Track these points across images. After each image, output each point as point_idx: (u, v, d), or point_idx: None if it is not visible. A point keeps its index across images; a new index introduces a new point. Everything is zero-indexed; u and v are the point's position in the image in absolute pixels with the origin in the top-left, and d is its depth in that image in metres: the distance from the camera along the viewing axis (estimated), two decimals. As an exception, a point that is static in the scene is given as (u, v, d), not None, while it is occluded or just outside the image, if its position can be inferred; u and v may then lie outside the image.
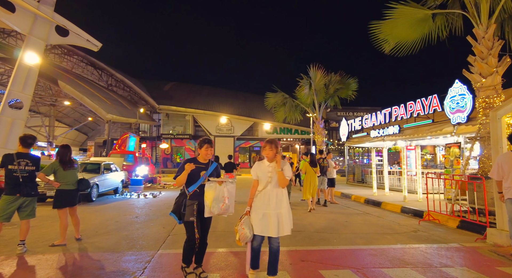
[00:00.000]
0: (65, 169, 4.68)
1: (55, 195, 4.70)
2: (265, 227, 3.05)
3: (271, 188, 3.15)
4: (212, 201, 3.04)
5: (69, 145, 5.02)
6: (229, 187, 3.14)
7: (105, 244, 4.68)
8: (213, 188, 3.08)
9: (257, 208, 3.15)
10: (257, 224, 3.07)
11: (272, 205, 3.10)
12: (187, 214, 3.07)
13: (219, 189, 3.08)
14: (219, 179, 3.18)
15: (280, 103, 16.47)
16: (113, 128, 26.97)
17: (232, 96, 33.57)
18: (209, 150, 3.33)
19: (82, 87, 22.32)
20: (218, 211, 3.07)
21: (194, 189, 3.19)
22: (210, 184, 3.11)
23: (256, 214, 3.12)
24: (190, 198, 3.16)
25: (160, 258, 4.04)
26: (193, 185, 3.20)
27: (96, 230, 5.64)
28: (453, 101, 8.76)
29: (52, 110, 26.96)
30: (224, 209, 3.09)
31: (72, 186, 4.75)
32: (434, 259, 4.10)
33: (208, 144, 3.33)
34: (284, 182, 3.15)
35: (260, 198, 3.16)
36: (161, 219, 6.71)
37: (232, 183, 3.21)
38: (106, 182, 10.45)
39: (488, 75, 5.90)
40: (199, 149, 3.37)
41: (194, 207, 3.09)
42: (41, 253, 4.20)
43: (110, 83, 30.99)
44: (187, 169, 3.13)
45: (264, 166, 3.26)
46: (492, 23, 5.98)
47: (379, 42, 8.35)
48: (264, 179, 3.18)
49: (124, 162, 14.73)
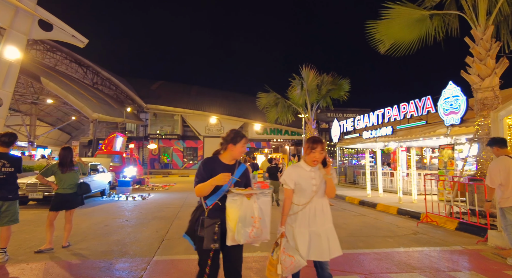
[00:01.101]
0: (63, 172, 4.53)
1: (52, 198, 4.58)
2: (316, 249, 2.34)
3: (316, 200, 2.44)
4: (237, 223, 2.09)
5: (71, 147, 4.83)
6: (261, 202, 2.18)
7: (95, 250, 4.38)
8: (238, 204, 2.12)
9: (301, 226, 2.40)
10: (305, 247, 2.34)
11: (319, 220, 2.42)
12: (206, 239, 2.12)
13: (247, 206, 2.12)
14: (246, 190, 2.19)
15: (272, 103, 16.32)
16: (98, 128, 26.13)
17: (221, 96, 33.20)
18: (244, 148, 2.41)
19: (67, 84, 21.50)
20: (245, 239, 2.09)
21: (214, 202, 2.22)
22: (233, 197, 2.15)
23: (301, 235, 2.38)
24: (209, 214, 2.20)
25: (156, 266, 3.78)
26: (213, 196, 2.22)
27: (84, 235, 5.29)
28: (447, 103, 8.83)
29: (34, 108, 25.87)
30: (254, 236, 2.10)
31: (69, 189, 4.56)
32: (440, 263, 4.01)
33: (245, 139, 2.40)
34: (333, 191, 2.49)
35: (304, 214, 2.42)
36: (153, 223, 6.40)
37: (266, 196, 2.23)
38: (93, 184, 9.95)
39: (487, 76, 5.92)
40: (230, 145, 2.35)
41: (215, 229, 2.13)
42: (25, 261, 3.86)
43: (95, 81, 30.06)
44: (219, 181, 2.12)
45: (304, 171, 2.49)
46: (490, 25, 6.00)
47: (375, 42, 8.32)
48: (307, 189, 2.44)
49: (111, 163, 14.22)
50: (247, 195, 2.16)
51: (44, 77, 19.02)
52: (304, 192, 2.46)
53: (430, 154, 15.37)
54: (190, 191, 12.83)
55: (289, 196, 2.50)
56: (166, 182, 18.44)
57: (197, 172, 2.30)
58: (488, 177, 4.15)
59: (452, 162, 8.63)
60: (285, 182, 2.51)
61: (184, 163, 29.12)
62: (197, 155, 29.35)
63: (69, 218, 4.61)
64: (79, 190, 4.68)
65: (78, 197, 4.71)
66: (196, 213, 2.31)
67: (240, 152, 2.35)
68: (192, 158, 29.56)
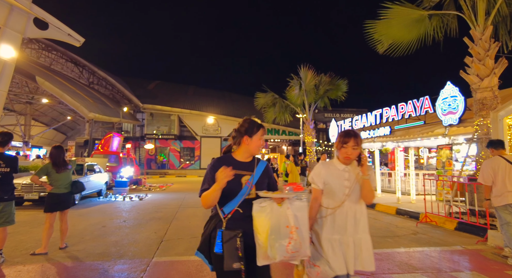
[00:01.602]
0: (59, 172, 4.42)
1: (46, 198, 4.43)
2: (345, 261, 2.00)
3: (349, 204, 2.05)
4: (268, 235, 1.63)
5: (62, 146, 4.69)
6: (296, 208, 1.72)
7: (93, 252, 4.30)
8: (267, 211, 1.68)
9: (328, 232, 2.04)
10: (333, 257, 1.98)
11: (350, 228, 2.04)
12: (227, 257, 1.65)
13: (279, 213, 1.67)
14: (276, 193, 1.74)
15: (270, 103, 16.30)
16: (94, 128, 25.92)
17: (218, 96, 33.11)
18: (262, 140, 1.96)
19: (62, 84, 21.29)
20: (282, 254, 1.63)
21: (233, 209, 1.78)
22: (260, 204, 1.71)
23: (329, 242, 2.01)
24: (228, 225, 1.75)
25: (156, 267, 3.72)
26: (231, 202, 1.78)
27: (81, 236, 5.21)
28: (445, 103, 8.85)
29: (29, 108, 25.58)
30: (292, 251, 1.65)
31: (64, 189, 4.46)
32: (441, 263, 4.00)
33: (263, 130, 1.95)
34: (371, 196, 2.07)
35: (333, 219, 2.06)
36: (151, 224, 6.33)
37: (301, 200, 1.80)
38: (89, 184, 9.88)
39: (486, 76, 5.93)
40: (245, 138, 1.90)
41: (237, 243, 1.66)
42: (21, 263, 3.78)
43: (91, 81, 29.81)
44: (221, 180, 1.67)
45: (336, 170, 2.13)
46: (489, 25, 6.02)
47: (374, 42, 8.31)
48: (338, 190, 2.08)
49: (108, 163, 14.09)
50: (277, 199, 1.71)
51: (39, 76, 18.81)
52: (334, 194, 2.09)
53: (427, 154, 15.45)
54: (187, 192, 12.75)
55: (317, 197, 2.14)
56: (163, 182, 18.33)
57: (204, 177, 1.85)
58: (480, 175, 4.38)
59: (450, 162, 8.66)
60: (313, 181, 2.18)
61: (181, 164, 28.97)
62: (194, 155, 29.23)
63: (65, 219, 4.51)
64: (74, 189, 4.58)
65: (71, 197, 4.61)
66: (210, 224, 1.83)
67: (257, 146, 1.92)
68: (189, 158, 29.42)
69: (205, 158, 28.02)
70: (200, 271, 3.57)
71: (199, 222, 6.52)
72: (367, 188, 2.05)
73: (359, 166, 2.10)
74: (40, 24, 12.16)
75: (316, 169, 2.20)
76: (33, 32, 12.05)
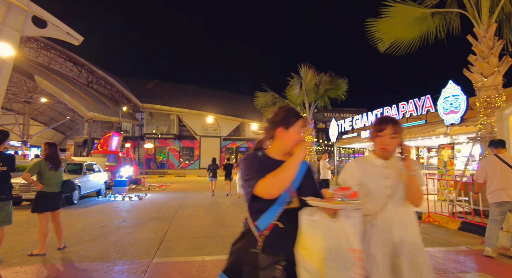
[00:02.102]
0: (56, 170, 4.27)
1: (35, 198, 4.21)
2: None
3: (393, 208, 1.67)
4: (324, 260, 1.24)
5: (56, 143, 4.54)
6: (353, 222, 1.32)
7: (92, 253, 4.22)
8: (321, 227, 1.28)
9: (369, 244, 1.64)
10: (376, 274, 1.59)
11: (396, 237, 1.63)
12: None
13: (336, 230, 1.28)
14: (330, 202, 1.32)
15: (270, 102, 16.21)
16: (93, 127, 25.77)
17: (218, 95, 33.01)
18: (301, 133, 1.53)
19: (61, 83, 21.16)
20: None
21: (271, 223, 1.38)
22: (311, 217, 1.32)
23: (369, 257, 1.61)
24: (265, 246, 1.34)
25: (156, 268, 3.64)
26: (267, 214, 1.38)
27: (80, 236, 5.12)
28: (447, 102, 8.81)
29: (27, 107, 25.43)
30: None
31: (56, 188, 4.28)
32: (447, 264, 3.93)
33: (302, 121, 1.54)
34: (419, 197, 1.68)
35: (374, 228, 1.66)
36: (150, 223, 6.25)
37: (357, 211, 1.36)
38: (88, 184, 9.80)
39: (490, 74, 5.87)
40: (280, 131, 1.50)
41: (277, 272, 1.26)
42: (19, 264, 3.69)
43: (90, 80, 29.66)
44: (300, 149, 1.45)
45: (372, 167, 1.75)
46: (493, 23, 5.96)
47: (375, 40, 8.24)
48: (378, 192, 1.69)
49: (107, 163, 14.00)
50: (328, 210, 1.31)
51: (38, 75, 18.69)
52: (373, 197, 1.68)
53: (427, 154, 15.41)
54: (187, 191, 12.67)
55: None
56: (163, 182, 18.23)
57: (246, 170, 1.44)
58: (475, 173, 4.64)
59: (452, 162, 8.61)
60: (344, 182, 1.75)
61: (180, 163, 28.87)
62: (194, 155, 29.13)
63: (57, 220, 4.34)
64: (65, 188, 4.38)
65: (62, 197, 4.41)
66: (240, 242, 1.44)
67: (294, 140, 1.48)
68: (189, 158, 29.32)
69: (204, 157, 27.91)
70: (202, 272, 3.48)
71: (199, 222, 6.45)
72: (414, 187, 1.65)
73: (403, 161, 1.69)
74: (38, 22, 12.06)
75: (348, 168, 1.82)
76: (31, 30, 11.95)
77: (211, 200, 9.95)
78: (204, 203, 9.36)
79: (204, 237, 5.16)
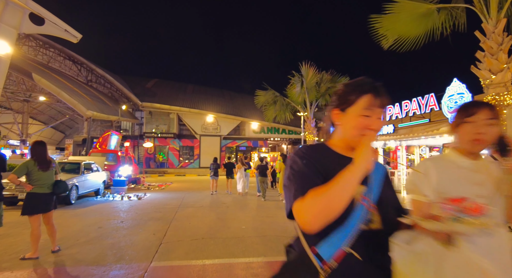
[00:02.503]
0: (45, 170, 4.02)
1: (25, 199, 3.98)
2: None
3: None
4: None
5: (45, 142, 4.31)
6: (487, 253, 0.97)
7: (87, 256, 4.05)
8: (430, 261, 0.86)
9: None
10: None
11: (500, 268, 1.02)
12: None
13: (459, 265, 0.86)
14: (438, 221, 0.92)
15: (270, 101, 16.06)
16: (92, 126, 25.59)
17: (218, 94, 32.81)
18: (380, 119, 0.99)
19: (60, 81, 20.99)
20: None
21: (341, 251, 0.86)
22: (412, 245, 0.89)
23: None
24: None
25: (154, 273, 3.48)
26: (336, 236, 0.87)
27: (76, 238, 4.96)
28: (451, 100, 8.64)
29: (26, 106, 25.24)
30: None
31: (47, 189, 4.06)
32: None
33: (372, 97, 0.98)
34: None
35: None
36: (149, 224, 6.09)
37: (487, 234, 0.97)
38: (87, 183, 9.64)
39: (498, 71, 5.70)
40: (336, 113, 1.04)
41: None
42: (9, 269, 3.53)
43: (90, 79, 29.48)
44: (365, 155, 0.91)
45: (456, 168, 1.20)
46: (502, 18, 5.78)
47: (378, 37, 8.07)
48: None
49: (106, 162, 13.83)
50: (438, 235, 0.89)
51: (36, 73, 18.52)
52: None
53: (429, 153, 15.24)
54: (187, 191, 12.51)
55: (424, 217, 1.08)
56: (162, 181, 18.06)
57: (291, 173, 0.96)
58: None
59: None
60: (414, 189, 1.22)
61: (180, 162, 28.70)
62: (193, 154, 28.96)
63: (50, 222, 4.14)
64: (56, 189, 4.13)
65: (53, 198, 4.17)
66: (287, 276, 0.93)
67: (354, 127, 0.98)
68: (188, 157, 29.15)
69: (204, 157, 27.75)
70: (202, 277, 3.32)
71: (199, 222, 6.29)
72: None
73: (504, 158, 1.18)
74: (36, 19, 11.86)
75: (421, 169, 1.23)
76: (28, 27, 11.73)
77: (212, 200, 9.80)
78: (204, 202, 9.21)
79: (204, 238, 5.00)
